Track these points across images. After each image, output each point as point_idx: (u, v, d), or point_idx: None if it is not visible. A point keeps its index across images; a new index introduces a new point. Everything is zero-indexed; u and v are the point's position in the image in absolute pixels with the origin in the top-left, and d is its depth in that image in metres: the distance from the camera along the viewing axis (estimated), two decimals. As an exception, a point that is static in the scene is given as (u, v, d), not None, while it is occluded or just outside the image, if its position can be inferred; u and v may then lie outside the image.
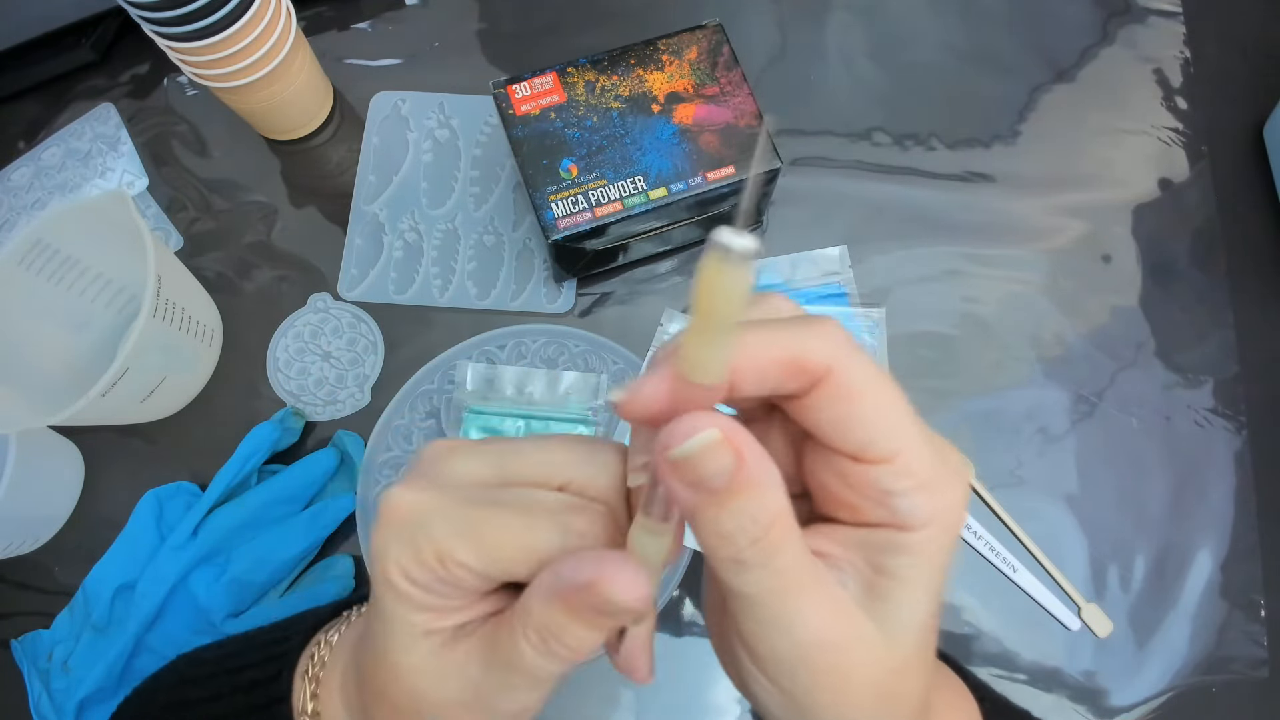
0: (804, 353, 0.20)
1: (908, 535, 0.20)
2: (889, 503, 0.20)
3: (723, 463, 0.18)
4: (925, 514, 0.20)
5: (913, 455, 0.20)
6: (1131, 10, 0.67)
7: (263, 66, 0.55)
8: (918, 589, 0.21)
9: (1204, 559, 0.55)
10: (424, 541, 0.21)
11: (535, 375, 0.57)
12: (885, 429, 0.20)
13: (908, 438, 0.20)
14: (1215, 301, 0.60)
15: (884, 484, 0.20)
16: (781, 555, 0.19)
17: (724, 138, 0.53)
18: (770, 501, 0.19)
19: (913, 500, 0.20)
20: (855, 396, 0.20)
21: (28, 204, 0.64)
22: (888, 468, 0.20)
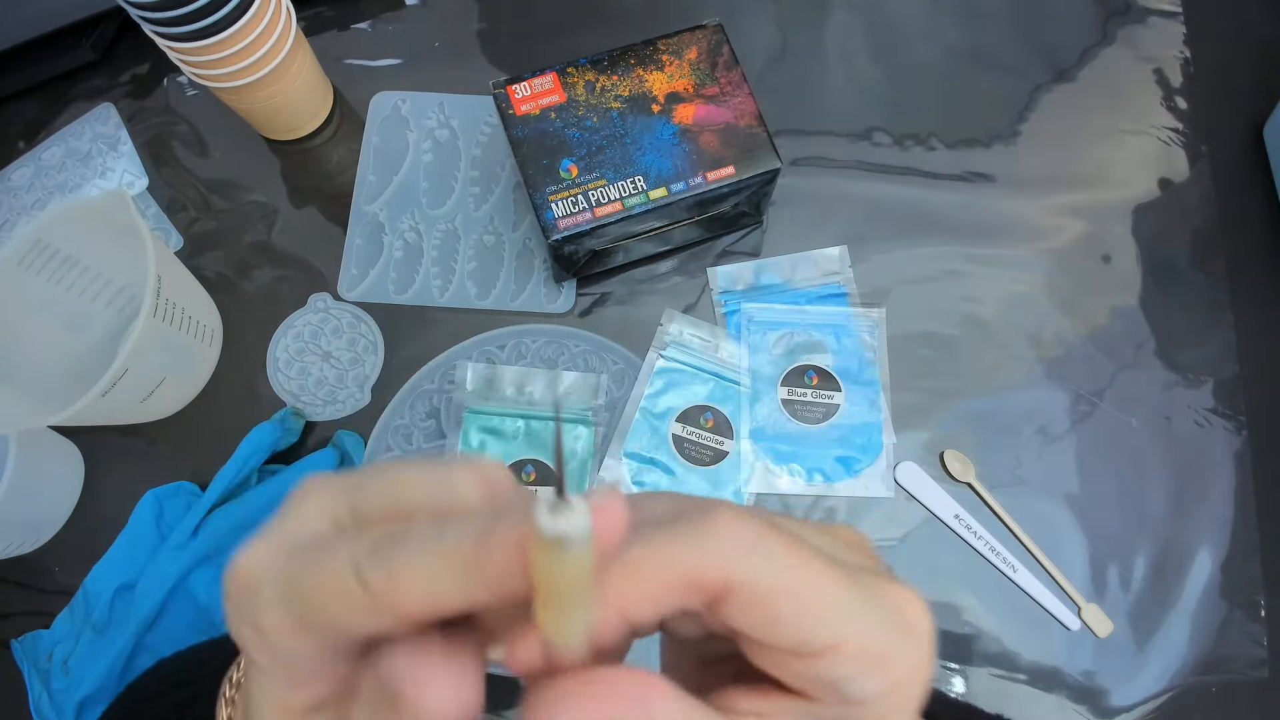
0: (694, 570, 0.17)
1: (863, 709, 0.18)
2: (839, 689, 0.18)
3: None
4: (881, 688, 0.18)
5: (857, 637, 0.18)
6: (1131, 10, 0.67)
7: (263, 66, 0.55)
8: None
9: (1204, 559, 0.55)
10: (257, 613, 0.18)
11: (535, 375, 0.57)
12: (816, 622, 0.18)
13: (847, 620, 0.18)
14: (1215, 301, 0.60)
15: (828, 675, 0.18)
16: None
17: (724, 138, 0.53)
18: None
19: (865, 681, 0.18)
20: (769, 602, 0.17)
21: (28, 204, 0.64)
22: (831, 658, 0.18)
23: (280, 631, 0.18)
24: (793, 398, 0.57)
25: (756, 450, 0.56)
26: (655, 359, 0.58)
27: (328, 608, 0.18)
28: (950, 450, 0.57)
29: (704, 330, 0.59)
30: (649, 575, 0.17)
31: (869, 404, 0.57)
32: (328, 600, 0.17)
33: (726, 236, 0.61)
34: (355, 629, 0.18)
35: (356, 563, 0.17)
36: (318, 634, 0.18)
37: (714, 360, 0.58)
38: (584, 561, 0.15)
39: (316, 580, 0.18)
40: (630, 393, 0.57)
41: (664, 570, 0.17)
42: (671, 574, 0.17)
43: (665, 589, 0.17)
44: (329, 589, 0.17)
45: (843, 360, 0.58)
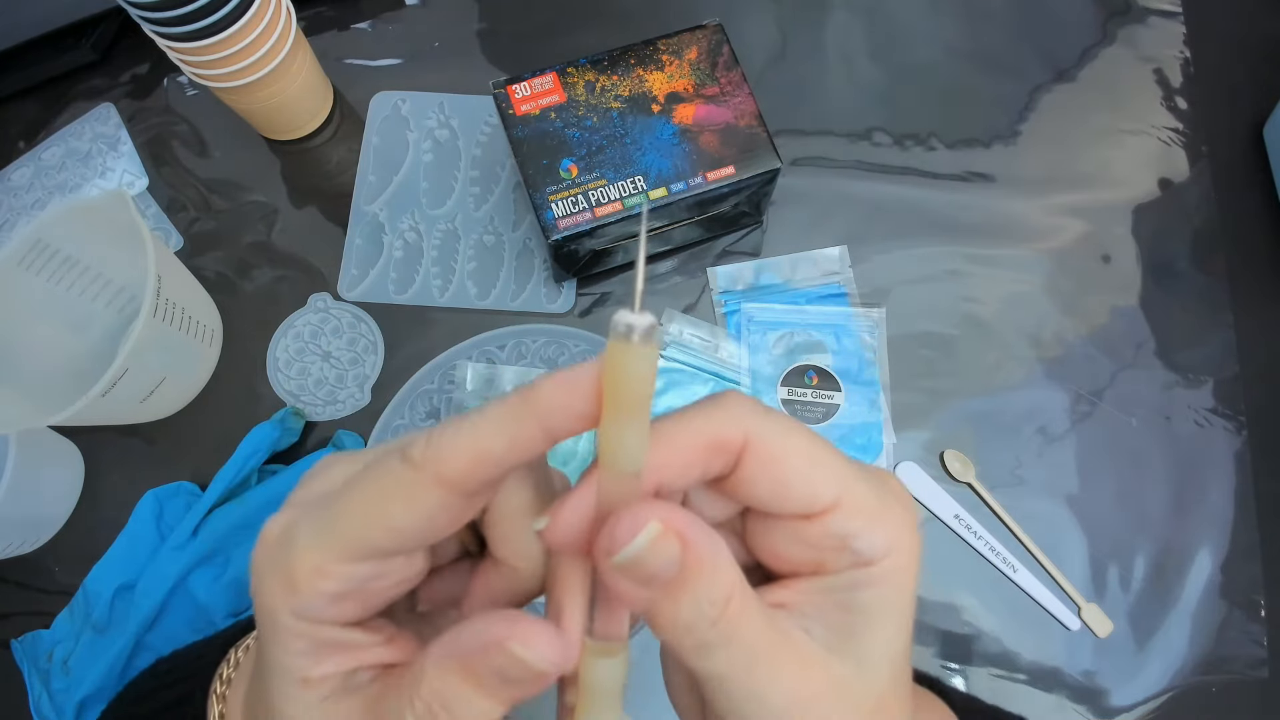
0: (717, 431, 0.20)
1: (871, 569, 0.20)
2: (849, 545, 0.20)
3: (670, 553, 0.18)
4: (884, 544, 0.20)
5: (856, 493, 0.20)
6: (1131, 10, 0.67)
7: (263, 66, 0.55)
8: (888, 620, 0.20)
9: (1204, 559, 0.55)
10: (293, 562, 0.19)
11: (535, 375, 0.57)
12: (821, 478, 0.20)
13: (845, 478, 0.20)
14: (1215, 301, 0.60)
15: (838, 530, 0.20)
16: (743, 628, 0.19)
17: (724, 138, 0.53)
18: (724, 578, 0.19)
19: (870, 536, 0.20)
20: (780, 457, 0.20)
21: (28, 204, 0.64)
22: (837, 514, 0.20)
23: (313, 570, 0.19)
24: (793, 398, 0.57)
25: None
26: (655, 359, 0.58)
27: (370, 507, 0.19)
28: (950, 450, 0.57)
29: (704, 330, 0.59)
30: (680, 440, 0.20)
31: (869, 404, 0.57)
32: (371, 498, 0.19)
33: (726, 236, 0.61)
34: (401, 517, 0.18)
35: (401, 446, 0.19)
36: (353, 556, 0.19)
37: (714, 360, 0.58)
38: (651, 359, 0.17)
39: (360, 485, 0.19)
40: (630, 393, 0.57)
41: (692, 435, 0.20)
42: (698, 438, 0.20)
43: (695, 450, 0.20)
44: (373, 484, 0.19)
45: (843, 360, 0.58)
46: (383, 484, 0.19)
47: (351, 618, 0.20)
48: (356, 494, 0.19)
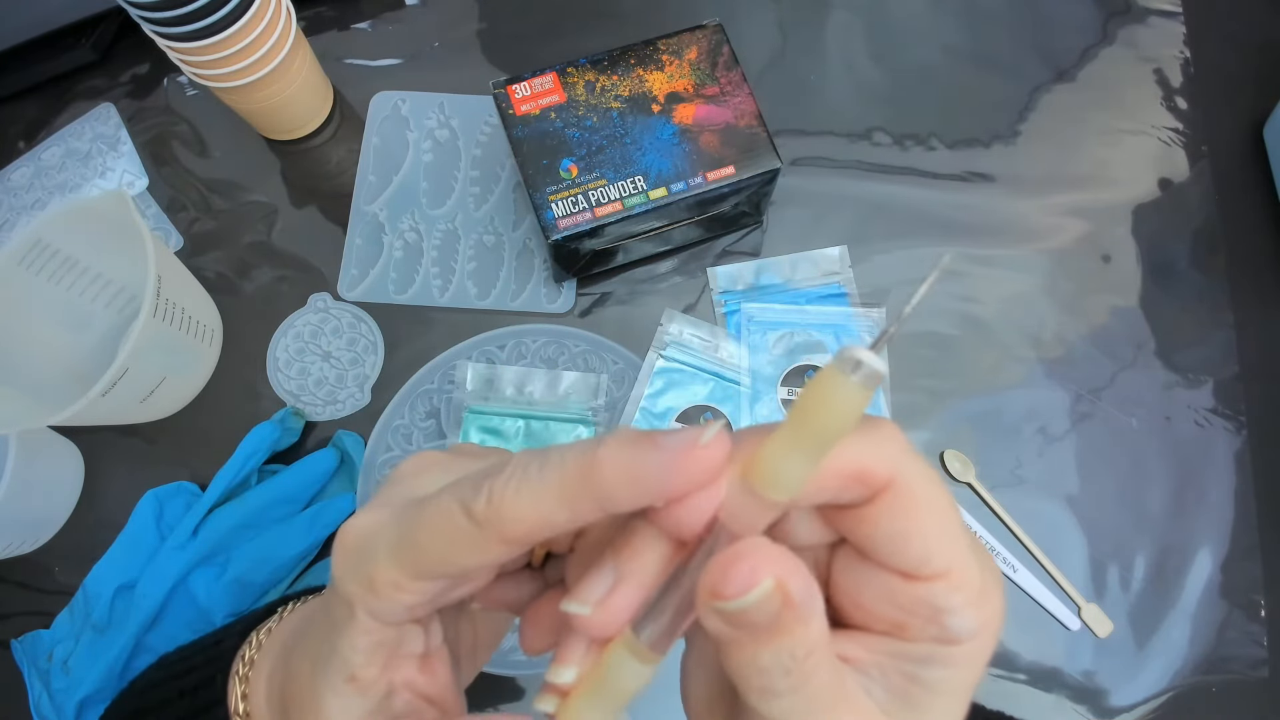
0: (868, 462, 0.19)
1: (953, 649, 0.19)
2: (940, 620, 0.19)
3: (772, 606, 0.17)
4: (975, 627, 0.19)
5: (967, 567, 0.19)
6: (1131, 10, 0.67)
7: (263, 66, 0.55)
8: (955, 699, 0.20)
9: (1204, 559, 0.55)
10: (375, 572, 0.20)
11: (535, 375, 0.57)
12: (943, 542, 0.19)
13: (961, 550, 0.19)
14: (1215, 301, 0.60)
15: (938, 602, 0.19)
16: (813, 680, 0.18)
17: (724, 138, 0.53)
18: (813, 633, 0.18)
19: (966, 616, 0.19)
20: (917, 510, 0.19)
21: (28, 204, 0.64)
22: (942, 584, 0.19)
23: (391, 584, 0.20)
24: (793, 397, 0.57)
25: (756, 450, 0.56)
26: (655, 359, 0.58)
27: (439, 548, 0.19)
28: (950, 450, 0.57)
29: (704, 330, 0.59)
30: (830, 460, 0.18)
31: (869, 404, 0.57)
32: (438, 541, 0.19)
33: (726, 236, 0.61)
34: (466, 562, 0.19)
35: (463, 499, 0.19)
36: (428, 580, 0.20)
37: (714, 360, 0.58)
38: (863, 401, 0.17)
39: (427, 523, 0.19)
40: (630, 393, 0.57)
41: (845, 456, 0.19)
42: (849, 463, 0.19)
43: (840, 475, 0.19)
44: (439, 529, 0.19)
45: (843, 360, 0.58)
46: (449, 532, 0.19)
47: (420, 616, 0.21)
48: (426, 533, 0.19)
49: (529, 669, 0.52)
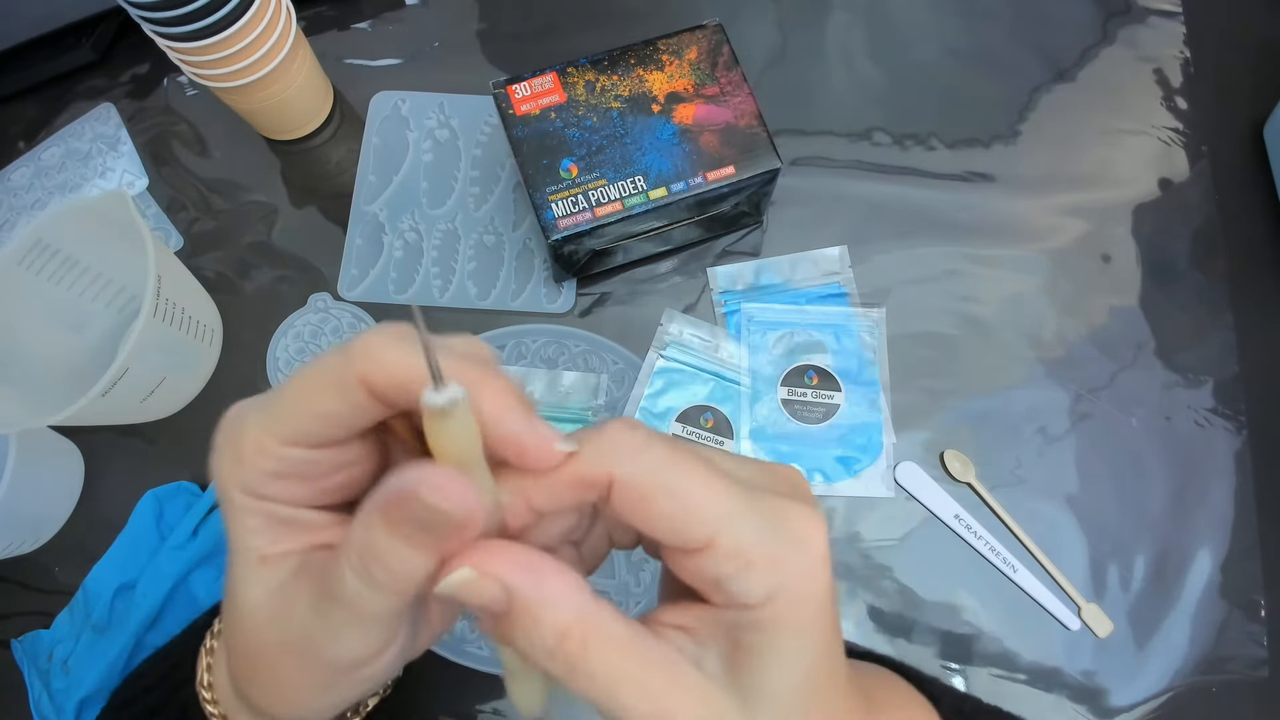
0: (581, 470, 0.20)
1: (757, 613, 0.20)
2: (724, 588, 0.20)
3: (489, 593, 0.19)
4: (762, 590, 0.20)
5: (733, 535, 0.20)
6: (1132, 10, 0.67)
7: (263, 66, 0.55)
8: (778, 660, 0.20)
9: (1204, 559, 0.55)
10: (241, 439, 0.21)
11: (535, 375, 0.57)
12: (691, 519, 0.20)
13: (720, 520, 0.20)
14: (1215, 301, 0.60)
15: (709, 571, 0.20)
16: (592, 661, 0.19)
17: (724, 138, 0.53)
18: (553, 618, 0.19)
19: (744, 581, 0.20)
20: (646, 497, 0.20)
21: (28, 204, 0.64)
22: (708, 556, 0.20)
23: (256, 448, 0.21)
24: (793, 398, 0.57)
25: (756, 450, 0.56)
26: (655, 359, 0.58)
27: (299, 399, 0.21)
28: (950, 450, 0.57)
29: (704, 330, 0.59)
30: (545, 478, 0.21)
31: (869, 404, 0.57)
32: (299, 391, 0.21)
33: (726, 236, 0.61)
34: (324, 407, 0.20)
35: (324, 354, 0.21)
36: (291, 443, 0.21)
37: (714, 360, 0.58)
38: (463, 425, 0.19)
39: (291, 381, 0.21)
40: (630, 393, 0.57)
41: (558, 473, 0.21)
42: (563, 474, 0.20)
43: (560, 487, 0.21)
44: (301, 380, 0.21)
45: (843, 360, 0.58)
46: (310, 379, 0.21)
47: (302, 500, 0.22)
48: (297, 380, 0.21)
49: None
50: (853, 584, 0.54)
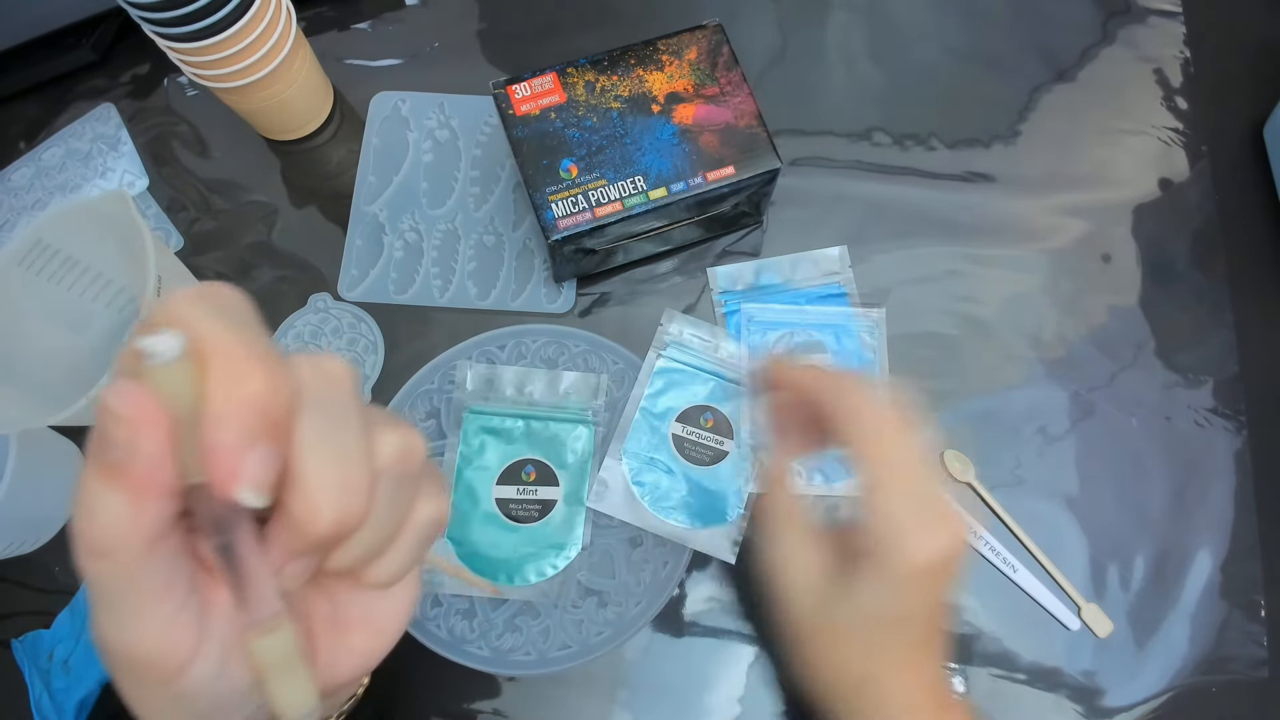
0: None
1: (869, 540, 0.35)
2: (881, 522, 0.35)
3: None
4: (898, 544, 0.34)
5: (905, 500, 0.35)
6: (1131, 10, 0.67)
7: (263, 67, 0.55)
8: (877, 579, 0.35)
9: (1204, 559, 0.55)
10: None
11: (535, 375, 0.57)
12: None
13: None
14: (1215, 301, 0.60)
15: (883, 508, 0.35)
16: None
17: (724, 138, 0.53)
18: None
19: (899, 530, 0.35)
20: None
21: (28, 204, 0.64)
22: (889, 498, 0.35)
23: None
24: (793, 398, 0.57)
25: (756, 450, 0.56)
26: (655, 359, 0.58)
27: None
28: (950, 450, 0.57)
29: (704, 330, 0.59)
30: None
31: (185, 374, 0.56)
32: None
33: (726, 236, 0.62)
34: None
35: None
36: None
37: (714, 360, 0.58)
38: (181, 373, 0.17)
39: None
40: (630, 393, 0.57)
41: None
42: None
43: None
44: None
45: (843, 360, 0.58)
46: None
47: None
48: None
49: (530, 669, 0.52)
50: (853, 584, 0.54)
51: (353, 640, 0.23)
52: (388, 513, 0.21)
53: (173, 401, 0.17)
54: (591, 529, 0.54)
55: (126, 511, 0.17)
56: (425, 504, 0.23)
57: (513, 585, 0.53)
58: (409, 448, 0.22)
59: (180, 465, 0.18)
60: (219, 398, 0.17)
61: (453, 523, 0.54)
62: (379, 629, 0.24)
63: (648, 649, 0.53)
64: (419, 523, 0.23)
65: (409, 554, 0.23)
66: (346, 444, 0.20)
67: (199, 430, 0.18)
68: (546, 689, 0.52)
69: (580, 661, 0.52)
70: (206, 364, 0.18)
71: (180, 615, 0.19)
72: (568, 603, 0.53)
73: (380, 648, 0.24)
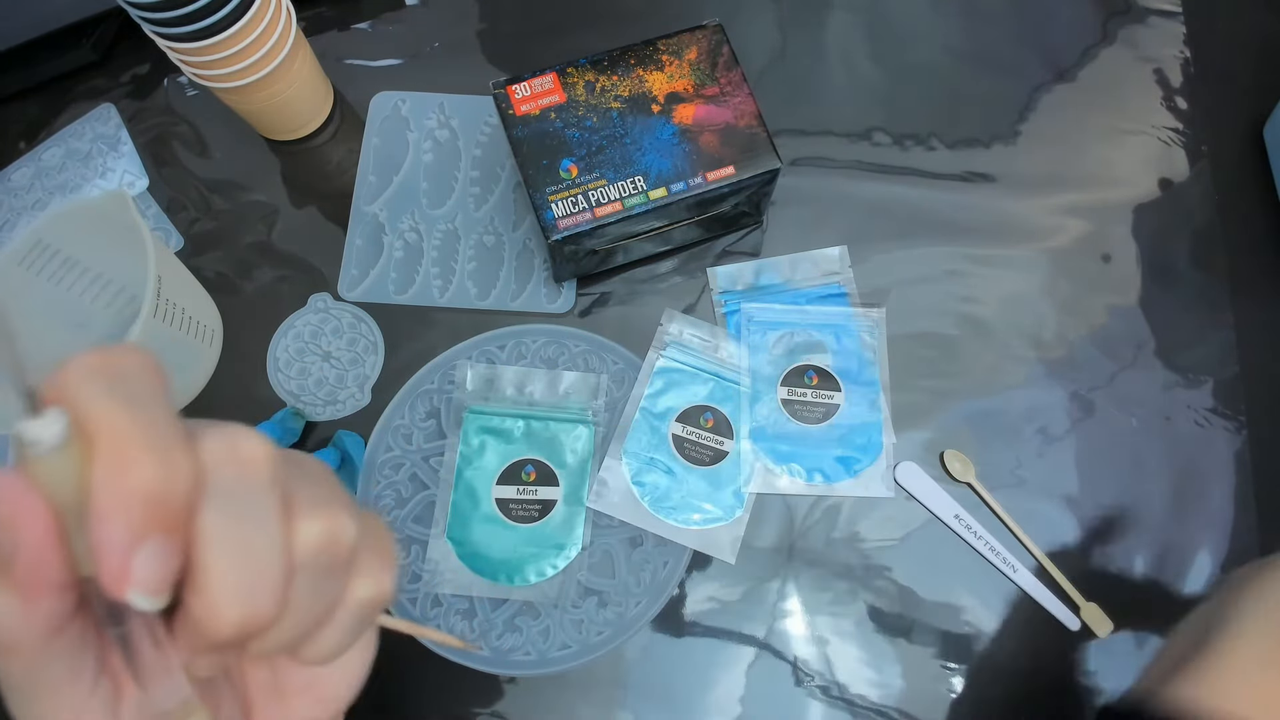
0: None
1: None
2: None
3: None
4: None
5: None
6: (1132, 10, 0.67)
7: (263, 67, 0.55)
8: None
9: (1204, 559, 0.55)
10: None
11: (535, 375, 0.57)
12: None
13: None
14: (1215, 301, 0.60)
15: None
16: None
17: (724, 138, 0.53)
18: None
19: None
20: None
21: (28, 204, 0.64)
22: None
23: None
24: (793, 398, 0.57)
25: (756, 450, 0.56)
26: (655, 359, 0.58)
27: None
28: (950, 450, 0.57)
29: (704, 330, 0.59)
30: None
31: (869, 404, 0.57)
32: None
33: (726, 236, 0.62)
34: None
35: None
36: None
37: (714, 360, 0.58)
38: (63, 464, 0.16)
39: None
40: (630, 393, 0.57)
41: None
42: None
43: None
44: None
45: (843, 360, 0.58)
46: None
47: None
48: None
49: (530, 669, 0.52)
50: (852, 584, 0.54)
51: (295, 709, 0.22)
52: (310, 603, 0.20)
53: (58, 491, 0.16)
54: (591, 529, 0.54)
55: (18, 609, 0.16)
56: (362, 583, 0.21)
57: (513, 585, 0.53)
58: (334, 535, 0.20)
59: (71, 558, 0.17)
60: (104, 489, 0.16)
61: (453, 523, 0.54)
62: (324, 696, 0.22)
63: (648, 649, 0.53)
64: (354, 604, 0.21)
65: (343, 635, 0.21)
66: (255, 539, 0.18)
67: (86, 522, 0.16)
68: (546, 689, 0.52)
69: (580, 662, 0.52)
70: (93, 448, 0.16)
71: (90, 701, 0.19)
72: (568, 603, 0.53)
73: (327, 713, 0.23)
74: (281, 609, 0.18)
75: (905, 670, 0.53)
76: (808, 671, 0.53)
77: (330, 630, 0.21)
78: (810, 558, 0.55)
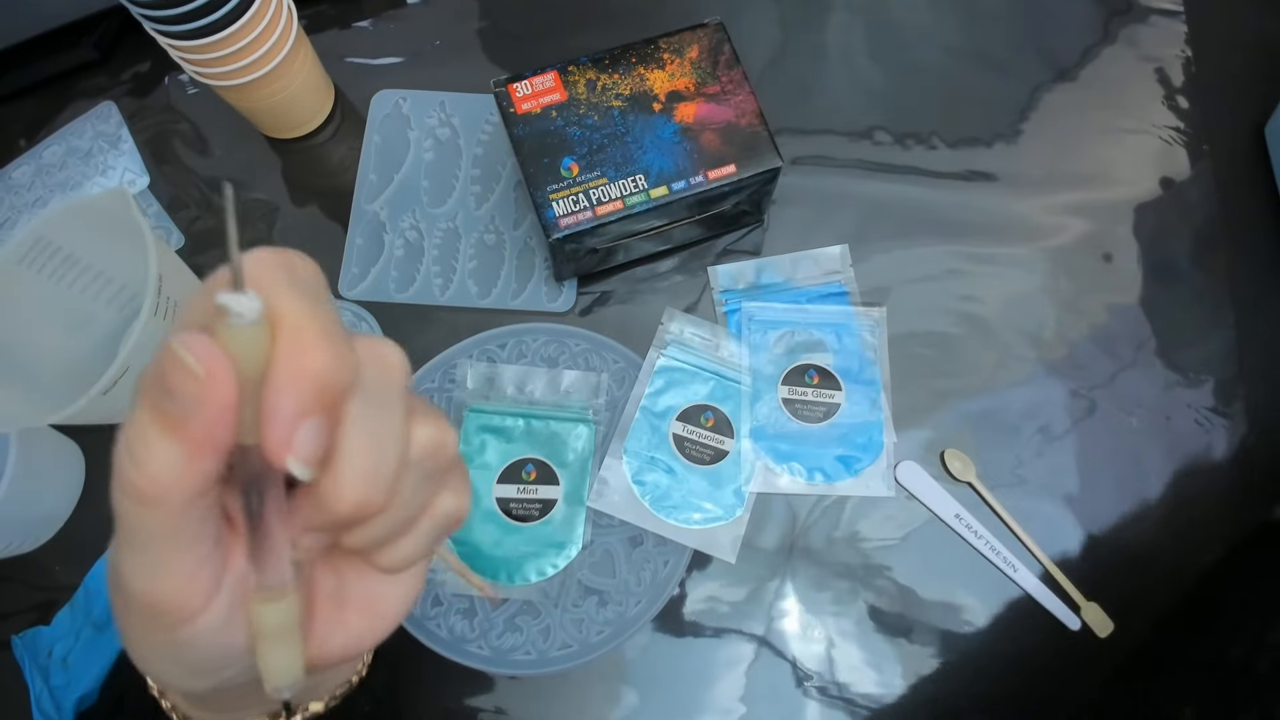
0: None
1: None
2: None
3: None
4: None
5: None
6: (1133, 9, 0.67)
7: (264, 65, 0.55)
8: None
9: (1204, 559, 0.55)
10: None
11: (536, 374, 0.57)
12: None
13: None
14: (1215, 301, 0.60)
15: None
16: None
17: (725, 136, 0.53)
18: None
19: None
20: None
21: (29, 202, 0.64)
22: None
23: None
24: (793, 397, 0.57)
25: (757, 449, 0.56)
26: (656, 358, 0.58)
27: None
28: (951, 450, 0.57)
29: (705, 329, 0.59)
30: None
31: (869, 403, 0.57)
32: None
33: (727, 235, 0.62)
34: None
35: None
36: None
37: (714, 359, 0.58)
38: (252, 346, 0.18)
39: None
40: (631, 392, 0.57)
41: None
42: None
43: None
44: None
45: (843, 359, 0.58)
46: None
47: None
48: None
49: (531, 668, 0.52)
50: (853, 584, 0.54)
51: (350, 620, 0.24)
52: (410, 501, 0.22)
53: (242, 363, 0.18)
54: (592, 528, 0.54)
55: (180, 464, 0.18)
56: (448, 497, 0.23)
57: (513, 584, 0.53)
58: (442, 442, 0.22)
59: (238, 425, 0.18)
60: (285, 367, 0.18)
61: (453, 521, 0.54)
62: (378, 613, 0.24)
63: (648, 648, 0.53)
64: (438, 514, 0.23)
65: (423, 543, 0.23)
66: (387, 431, 0.20)
67: (259, 394, 0.18)
68: (547, 688, 0.52)
69: (580, 661, 0.52)
70: (277, 331, 0.18)
71: (203, 567, 0.20)
72: (568, 602, 0.53)
73: (375, 631, 0.24)
74: (391, 500, 0.20)
75: (905, 670, 0.53)
76: (807, 671, 0.53)
77: (411, 537, 0.23)
78: (811, 557, 0.55)
